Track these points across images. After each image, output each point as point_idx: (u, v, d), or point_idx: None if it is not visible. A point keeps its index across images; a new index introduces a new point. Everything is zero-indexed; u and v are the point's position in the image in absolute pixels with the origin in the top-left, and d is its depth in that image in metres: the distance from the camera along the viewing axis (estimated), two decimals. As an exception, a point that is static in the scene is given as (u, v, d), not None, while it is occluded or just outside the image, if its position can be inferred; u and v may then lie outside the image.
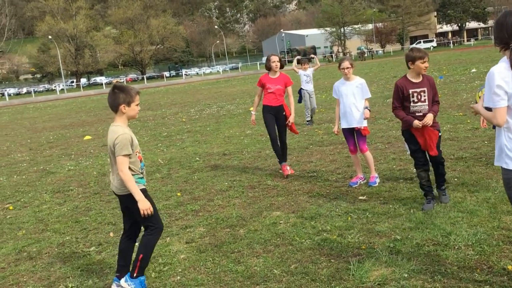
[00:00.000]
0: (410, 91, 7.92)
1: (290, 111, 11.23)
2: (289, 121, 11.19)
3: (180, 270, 6.64)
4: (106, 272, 6.89)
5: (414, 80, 7.97)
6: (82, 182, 13.01)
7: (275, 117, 11.22)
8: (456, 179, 9.20)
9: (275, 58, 11.14)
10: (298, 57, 21.86)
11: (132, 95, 5.83)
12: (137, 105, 5.90)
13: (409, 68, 7.95)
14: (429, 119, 7.82)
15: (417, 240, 6.62)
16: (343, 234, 7.17)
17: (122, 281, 6.05)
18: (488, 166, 9.77)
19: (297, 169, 11.61)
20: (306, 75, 19.01)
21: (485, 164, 9.99)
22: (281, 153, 11.37)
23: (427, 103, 7.96)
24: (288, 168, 11.29)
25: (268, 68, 11.21)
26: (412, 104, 7.94)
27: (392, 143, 13.24)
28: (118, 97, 5.79)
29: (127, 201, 5.95)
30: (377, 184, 9.58)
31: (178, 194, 10.59)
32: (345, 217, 7.92)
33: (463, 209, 7.54)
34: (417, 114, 7.92)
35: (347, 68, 9.54)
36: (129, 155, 5.72)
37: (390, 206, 8.16)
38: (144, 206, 5.69)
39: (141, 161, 5.99)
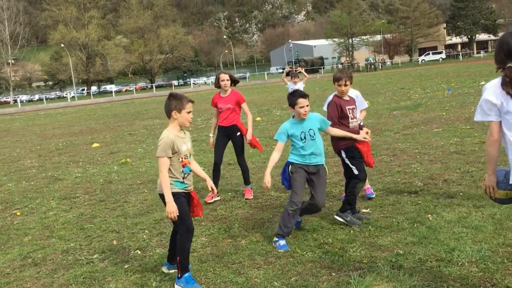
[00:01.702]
0: (346, 107, 8.14)
1: (247, 128, 10.74)
2: (246, 139, 10.71)
3: (181, 280, 6.62)
4: (108, 280, 6.89)
5: (345, 98, 8.27)
6: (89, 189, 13.04)
7: (229, 139, 10.80)
8: (461, 194, 9.14)
9: (224, 77, 10.54)
10: (287, 69, 21.77)
11: (183, 103, 6.22)
12: (188, 112, 6.28)
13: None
14: (369, 133, 8.28)
15: (420, 255, 6.58)
16: (345, 247, 7.14)
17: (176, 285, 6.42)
18: (495, 181, 9.70)
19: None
20: (293, 89, 18.87)
21: (491, 179, 9.91)
22: (243, 176, 10.95)
23: (357, 119, 8.34)
24: (251, 192, 10.78)
25: (218, 86, 10.69)
26: (350, 120, 8.16)
27: (397, 156, 13.16)
28: (171, 104, 6.23)
29: (162, 201, 6.31)
30: (374, 195, 9.59)
31: (182, 204, 10.56)
32: (348, 230, 7.89)
33: (468, 225, 7.47)
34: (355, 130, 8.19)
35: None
36: (169, 157, 6.14)
37: (394, 219, 8.12)
38: (169, 209, 6.08)
39: (184, 166, 6.31)
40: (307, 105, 7.45)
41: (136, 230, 9.08)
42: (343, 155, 8.21)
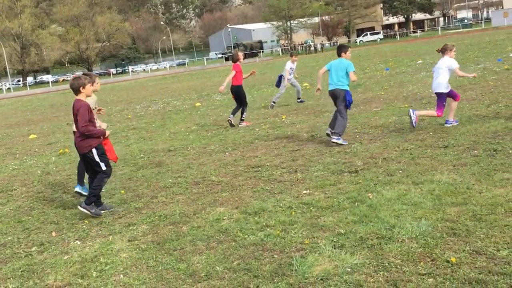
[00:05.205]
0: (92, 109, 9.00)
1: None
2: None
3: (121, 268, 6.53)
4: (47, 272, 6.74)
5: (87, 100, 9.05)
6: (26, 182, 12.75)
7: None
8: (400, 171, 9.23)
9: None
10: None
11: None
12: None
13: (80, 92, 8.95)
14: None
15: (361, 233, 6.61)
16: (287, 229, 7.12)
17: None
18: (433, 158, 9.83)
19: (242, 164, 11.54)
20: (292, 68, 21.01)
21: (430, 156, 10.03)
22: None
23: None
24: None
25: None
26: (97, 120, 9.35)
27: (337, 136, 13.23)
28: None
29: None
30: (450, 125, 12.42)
31: (122, 191, 10.44)
32: (289, 211, 7.87)
33: (407, 202, 7.55)
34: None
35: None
36: None
37: (334, 199, 8.15)
38: None
39: None
40: None
41: (76, 220, 8.91)
42: (94, 152, 8.71)
